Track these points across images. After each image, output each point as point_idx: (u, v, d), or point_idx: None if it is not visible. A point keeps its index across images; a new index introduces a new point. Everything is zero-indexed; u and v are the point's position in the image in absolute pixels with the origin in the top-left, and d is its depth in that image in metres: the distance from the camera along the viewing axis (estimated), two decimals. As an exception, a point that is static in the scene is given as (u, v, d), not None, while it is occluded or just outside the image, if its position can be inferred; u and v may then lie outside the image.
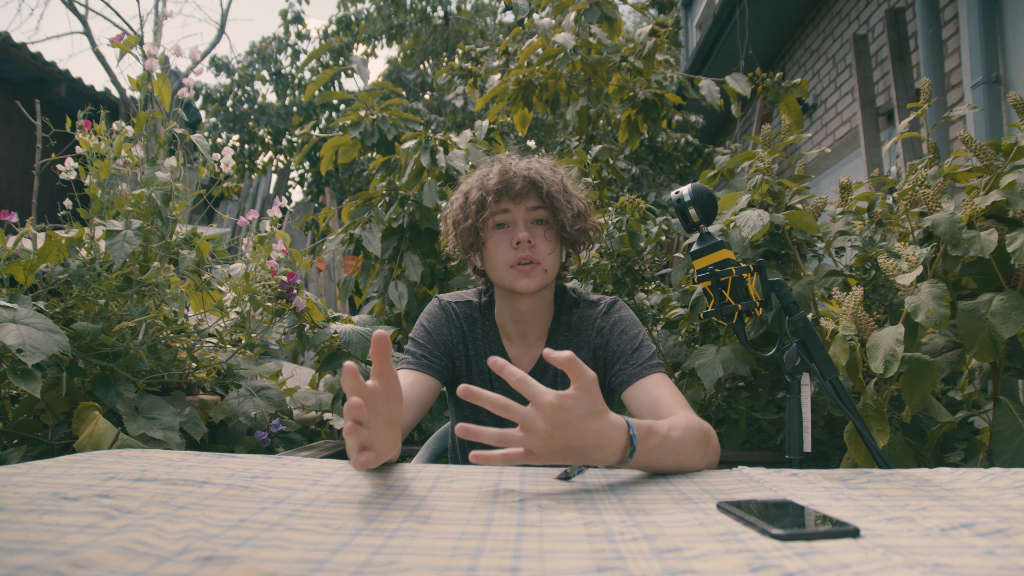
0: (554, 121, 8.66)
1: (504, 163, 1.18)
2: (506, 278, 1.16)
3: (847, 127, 4.23)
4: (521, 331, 1.23)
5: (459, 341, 1.24)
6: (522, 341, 1.24)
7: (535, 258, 1.14)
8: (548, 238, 1.17)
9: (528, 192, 1.16)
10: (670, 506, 0.67)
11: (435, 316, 1.25)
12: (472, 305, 1.27)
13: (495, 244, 1.17)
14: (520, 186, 1.14)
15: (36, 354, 1.20)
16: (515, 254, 1.14)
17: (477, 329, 1.25)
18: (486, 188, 1.16)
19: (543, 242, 1.16)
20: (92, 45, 7.80)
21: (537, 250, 1.15)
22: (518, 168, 1.16)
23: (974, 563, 0.47)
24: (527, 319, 1.22)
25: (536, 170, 1.16)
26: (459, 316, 1.25)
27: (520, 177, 1.15)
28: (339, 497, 0.69)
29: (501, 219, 1.16)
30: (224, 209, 7.43)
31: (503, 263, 1.15)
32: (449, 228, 1.23)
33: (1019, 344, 1.37)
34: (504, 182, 1.15)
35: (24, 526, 0.53)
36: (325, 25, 11.84)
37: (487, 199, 1.15)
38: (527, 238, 1.13)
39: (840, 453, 1.74)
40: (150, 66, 1.68)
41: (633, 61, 3.38)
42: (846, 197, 1.64)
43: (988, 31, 2.86)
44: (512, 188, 1.14)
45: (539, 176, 1.15)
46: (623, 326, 1.20)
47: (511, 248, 1.14)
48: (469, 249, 1.21)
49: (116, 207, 1.60)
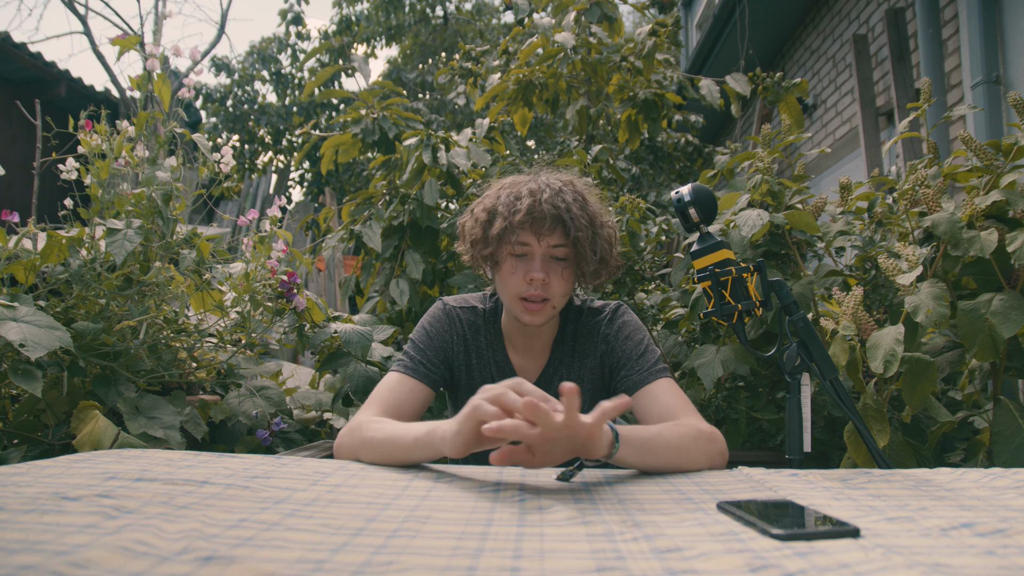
0: (554, 121, 8.66)
1: (536, 193, 1.12)
2: (513, 307, 1.14)
3: (847, 127, 4.23)
4: (527, 341, 1.23)
5: (460, 349, 1.23)
6: (527, 351, 1.24)
7: (546, 295, 1.12)
8: (565, 277, 1.13)
9: (554, 230, 1.11)
10: (670, 506, 0.67)
11: (438, 320, 1.23)
12: (477, 312, 1.25)
13: (509, 270, 1.13)
14: (548, 224, 1.10)
15: (38, 349, 1.20)
16: (527, 288, 1.11)
17: (480, 337, 1.24)
18: (512, 221, 1.10)
19: (558, 281, 1.12)
20: (92, 45, 7.79)
21: (550, 288, 1.12)
22: (547, 203, 1.10)
23: (974, 563, 0.47)
24: (532, 331, 1.21)
25: (567, 205, 1.11)
26: (462, 322, 1.24)
27: (548, 215, 1.10)
28: (339, 497, 0.69)
29: (521, 250, 1.13)
30: (224, 209, 7.43)
31: (513, 292, 1.13)
32: (466, 238, 1.20)
33: (1019, 344, 1.37)
34: (531, 217, 1.10)
35: (24, 526, 0.53)
36: (326, 26, 11.85)
37: (508, 231, 1.11)
38: (542, 278, 1.10)
39: (840, 453, 1.74)
40: (150, 66, 1.68)
41: (633, 61, 3.38)
42: (846, 197, 1.64)
43: (988, 31, 2.86)
44: (539, 225, 1.10)
45: (568, 216, 1.10)
46: (627, 331, 1.20)
47: (524, 281, 1.11)
48: (483, 265, 1.19)
49: (117, 207, 1.60)
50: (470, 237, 1.18)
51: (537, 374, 1.23)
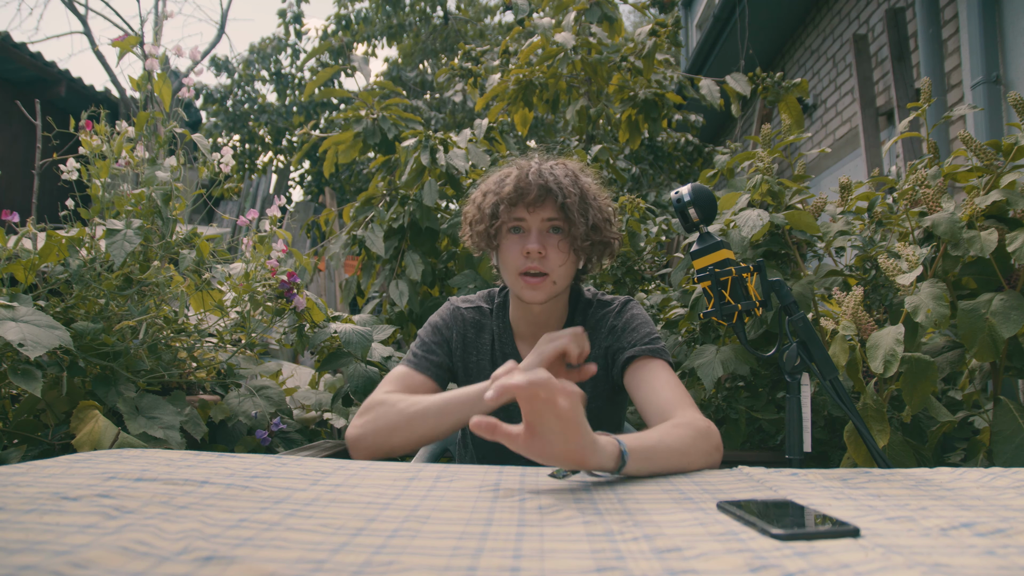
0: (554, 121, 8.66)
1: (522, 168, 1.16)
2: (514, 285, 1.16)
3: (847, 127, 4.23)
4: (535, 332, 1.23)
5: (459, 346, 1.24)
6: (536, 341, 1.24)
7: (544, 268, 1.13)
8: (562, 248, 1.14)
9: (543, 200, 1.13)
10: (670, 506, 0.67)
11: (443, 318, 1.26)
12: (483, 311, 1.27)
13: (508, 247, 1.16)
14: (535, 195, 1.12)
15: (38, 348, 1.20)
16: (525, 262, 1.13)
17: (484, 334, 1.25)
18: (500, 195, 1.14)
19: (555, 252, 1.14)
20: (92, 45, 7.81)
21: (548, 261, 1.13)
22: (534, 175, 1.13)
23: (974, 563, 0.47)
24: (540, 321, 1.22)
25: (555, 178, 1.13)
26: (465, 321, 1.26)
27: (535, 186, 1.12)
28: (339, 497, 0.69)
29: (516, 224, 1.15)
30: (224, 209, 7.43)
31: (513, 269, 1.15)
32: (466, 225, 1.23)
33: (1019, 344, 1.37)
34: (518, 190, 1.13)
35: (24, 526, 0.53)
36: (325, 24, 11.85)
37: (500, 206, 1.14)
38: (537, 249, 1.11)
39: (840, 453, 1.74)
40: (150, 66, 1.68)
41: (633, 61, 3.38)
42: (846, 197, 1.64)
43: (988, 31, 2.86)
44: (526, 196, 1.12)
45: (556, 185, 1.12)
46: (635, 323, 1.20)
47: (522, 255, 1.13)
48: (485, 248, 1.21)
49: (117, 207, 1.60)
50: (469, 219, 1.22)
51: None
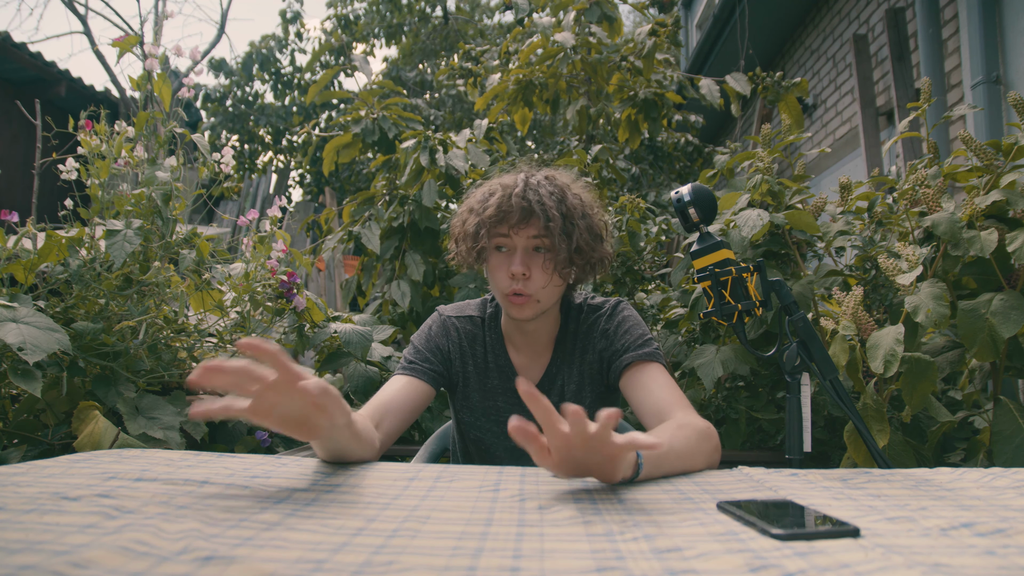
0: (554, 121, 8.66)
1: (506, 188, 1.13)
2: (502, 302, 1.16)
3: (847, 127, 4.23)
4: (527, 341, 1.23)
5: (456, 356, 1.24)
6: (529, 350, 1.24)
7: (527, 291, 1.11)
8: (546, 268, 1.12)
9: (527, 221, 1.11)
10: (670, 506, 0.67)
11: (435, 327, 1.25)
12: (474, 321, 1.26)
13: (494, 267, 1.14)
14: (518, 217, 1.10)
15: (37, 352, 1.20)
16: (510, 284, 1.11)
17: (477, 345, 1.25)
18: (483, 217, 1.11)
19: (540, 273, 1.11)
20: (92, 45, 7.81)
21: (531, 283, 1.11)
22: (517, 196, 1.11)
23: (974, 563, 0.47)
24: (532, 330, 1.22)
25: (539, 198, 1.11)
26: (459, 331, 1.25)
27: (517, 208, 1.10)
28: (339, 497, 0.69)
29: (501, 243, 1.13)
30: (224, 209, 7.43)
31: (499, 288, 1.14)
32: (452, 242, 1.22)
33: (1019, 344, 1.37)
34: (500, 212, 1.11)
35: (24, 526, 0.53)
36: (322, 21, 11.84)
37: (481, 229, 1.12)
38: (521, 271, 1.10)
39: (840, 453, 1.74)
40: (150, 66, 1.68)
41: (633, 61, 3.38)
42: (846, 197, 1.64)
43: (988, 31, 2.86)
44: (509, 218, 1.10)
45: (540, 207, 1.10)
46: (627, 326, 1.19)
47: (507, 277, 1.12)
48: (471, 263, 1.19)
49: (116, 207, 1.60)
50: (455, 235, 1.20)
51: (540, 373, 1.23)
